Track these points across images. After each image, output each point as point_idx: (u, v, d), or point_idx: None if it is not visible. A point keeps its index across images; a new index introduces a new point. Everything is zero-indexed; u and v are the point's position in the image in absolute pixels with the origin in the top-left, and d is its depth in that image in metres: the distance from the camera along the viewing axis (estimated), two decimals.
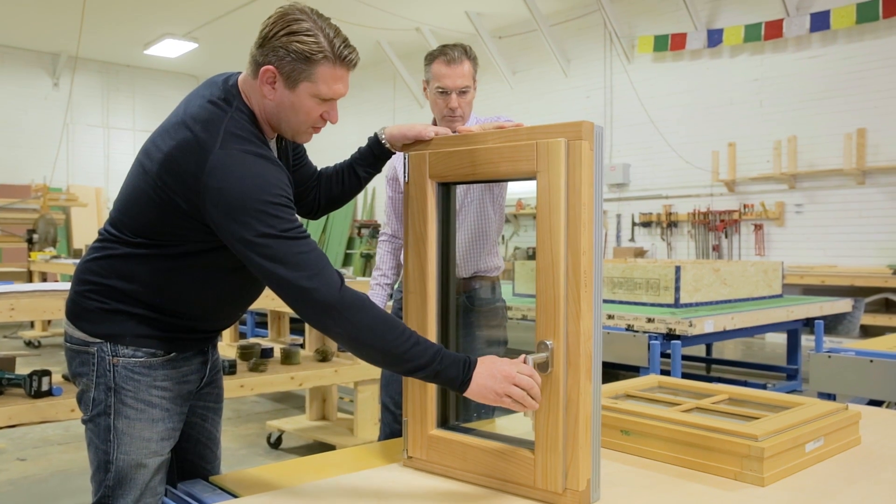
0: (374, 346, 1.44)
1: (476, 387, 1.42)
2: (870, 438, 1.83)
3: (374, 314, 1.44)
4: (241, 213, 1.43)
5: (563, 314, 1.36)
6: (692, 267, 5.00)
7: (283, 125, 1.58)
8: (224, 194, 1.44)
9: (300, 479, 1.60)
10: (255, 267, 1.46)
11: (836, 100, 8.41)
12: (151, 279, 1.60)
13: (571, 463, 1.37)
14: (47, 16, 11.53)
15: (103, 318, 1.62)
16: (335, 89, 1.55)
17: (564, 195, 1.35)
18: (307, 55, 1.49)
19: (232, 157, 1.47)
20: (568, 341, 1.37)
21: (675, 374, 4.19)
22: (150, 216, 1.57)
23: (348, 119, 14.83)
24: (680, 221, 9.82)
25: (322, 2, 10.85)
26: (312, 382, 4.02)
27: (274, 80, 1.52)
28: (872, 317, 7.59)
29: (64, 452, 4.31)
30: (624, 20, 10.23)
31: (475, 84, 2.56)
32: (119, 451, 1.62)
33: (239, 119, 1.54)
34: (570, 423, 1.37)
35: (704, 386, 2.07)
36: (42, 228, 9.41)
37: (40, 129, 13.56)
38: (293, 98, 1.53)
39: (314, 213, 1.93)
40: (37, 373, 3.08)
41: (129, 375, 1.62)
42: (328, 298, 1.42)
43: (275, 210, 1.44)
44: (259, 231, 1.43)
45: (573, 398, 1.37)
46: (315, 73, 1.51)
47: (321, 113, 1.57)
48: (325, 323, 1.44)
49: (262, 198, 1.44)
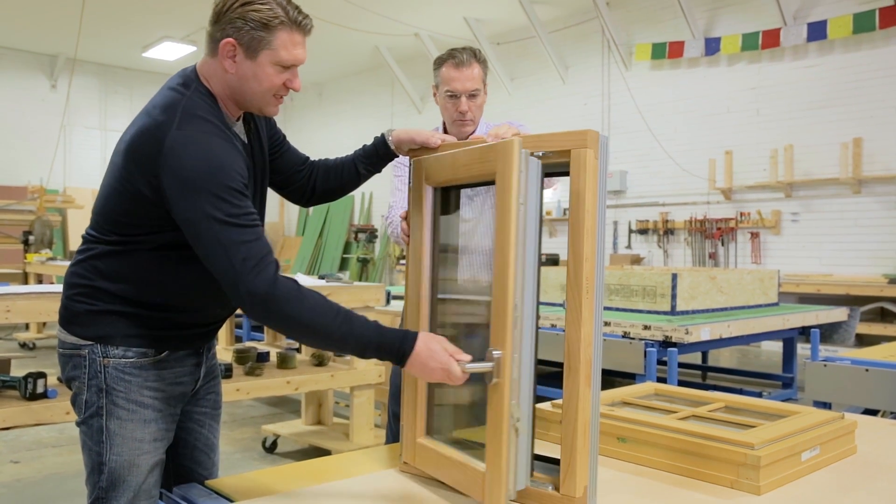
0: (306, 334, 1.47)
1: (417, 368, 1.45)
2: (865, 448, 1.83)
3: (305, 304, 1.44)
4: (191, 192, 1.45)
5: (510, 324, 1.35)
6: (689, 274, 5.00)
7: (248, 98, 1.59)
8: (178, 173, 1.46)
9: (295, 483, 1.59)
10: (199, 248, 1.48)
11: (833, 109, 8.45)
12: (133, 276, 1.61)
13: (569, 469, 1.37)
14: (45, 17, 11.52)
15: (92, 320, 1.63)
16: (295, 54, 1.56)
17: (516, 199, 1.35)
18: (265, 22, 1.50)
19: (188, 138, 1.48)
20: (568, 347, 1.37)
21: (672, 382, 4.19)
22: (122, 210, 1.58)
23: (346, 123, 14.85)
24: (676, 229, 9.84)
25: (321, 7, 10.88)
26: (308, 387, 4.01)
27: (234, 52, 1.53)
28: (868, 326, 7.62)
29: (58, 455, 4.30)
30: (622, 28, 10.27)
31: (486, 88, 2.53)
32: (112, 452, 1.63)
33: (197, 100, 1.56)
34: (568, 430, 1.37)
35: (701, 394, 2.07)
36: (38, 230, 9.39)
37: (37, 131, 13.54)
38: (255, 68, 1.54)
39: (306, 200, 1.93)
40: (32, 375, 3.07)
41: (119, 376, 1.62)
42: (259, 290, 1.42)
43: (226, 194, 1.45)
44: (207, 213, 1.44)
45: (572, 405, 1.37)
46: (274, 40, 1.52)
47: (284, 81, 1.57)
48: (257, 313, 1.45)
49: (215, 180, 1.45)
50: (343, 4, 10.32)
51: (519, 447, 1.37)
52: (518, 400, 1.37)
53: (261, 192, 1.75)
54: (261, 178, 1.75)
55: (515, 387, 1.36)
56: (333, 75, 14.99)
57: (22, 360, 7.00)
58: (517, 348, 1.36)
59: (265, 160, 1.77)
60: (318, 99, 15.82)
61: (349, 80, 14.90)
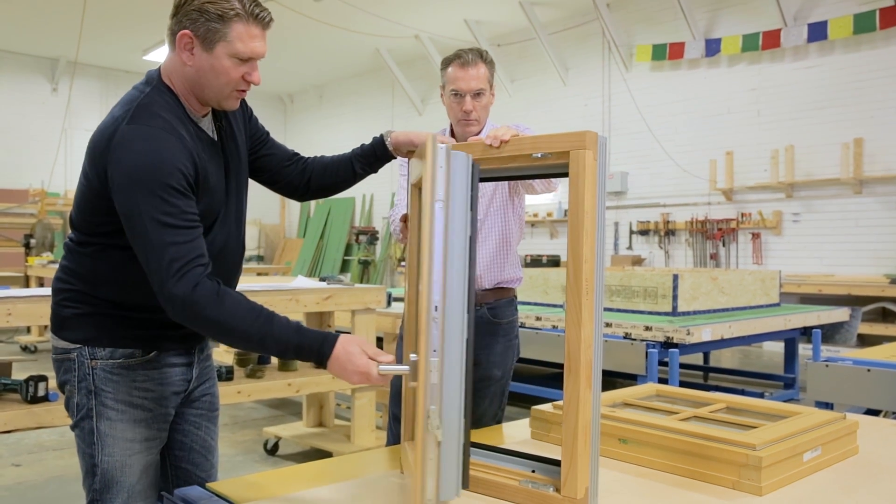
0: (226, 337, 1.48)
1: (336, 369, 1.46)
2: (867, 448, 1.83)
3: (225, 308, 1.44)
4: (130, 187, 1.45)
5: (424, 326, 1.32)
6: (690, 275, 5.00)
7: (207, 91, 1.59)
8: (121, 166, 1.47)
9: (297, 486, 1.59)
10: (133, 244, 1.49)
11: (834, 109, 8.45)
12: (111, 277, 1.62)
13: (570, 471, 1.36)
14: (46, 21, 11.54)
15: (79, 323, 1.64)
16: (252, 47, 1.55)
17: (432, 196, 1.32)
18: (220, 14, 1.51)
19: (135, 132, 1.49)
20: (568, 349, 1.37)
21: (673, 383, 4.19)
22: (89, 210, 1.60)
23: (347, 125, 14.86)
24: (678, 230, 9.83)
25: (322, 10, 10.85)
26: (309, 389, 4.01)
27: (191, 44, 1.54)
28: (870, 326, 7.61)
29: (59, 458, 4.30)
30: (622, 29, 10.27)
31: (492, 89, 2.54)
32: (103, 453, 1.63)
33: (155, 97, 1.57)
34: (569, 431, 1.37)
35: (702, 395, 2.07)
36: (39, 233, 9.41)
37: (39, 134, 13.56)
38: (212, 60, 1.54)
39: (300, 195, 1.94)
40: (33, 378, 3.07)
41: (107, 377, 1.63)
42: (178, 293, 1.43)
43: (163, 192, 1.45)
44: (142, 209, 1.44)
45: (572, 406, 1.37)
46: (230, 33, 1.52)
47: (242, 74, 1.57)
48: (178, 316, 1.46)
49: (154, 178, 1.45)
50: (343, 7, 10.32)
51: (441, 456, 1.32)
52: (440, 406, 1.32)
53: (236, 187, 1.74)
54: (235, 173, 1.73)
55: (436, 392, 1.32)
56: (334, 77, 15.00)
57: (23, 363, 7.01)
58: (439, 352, 1.32)
59: (241, 156, 1.76)
60: (318, 101, 15.83)
61: (350, 82, 14.91)
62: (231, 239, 1.72)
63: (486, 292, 2.57)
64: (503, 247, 2.58)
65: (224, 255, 1.70)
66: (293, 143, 16.36)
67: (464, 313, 1.36)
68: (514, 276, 2.64)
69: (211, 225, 1.64)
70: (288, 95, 16.59)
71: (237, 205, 1.74)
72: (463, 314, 1.36)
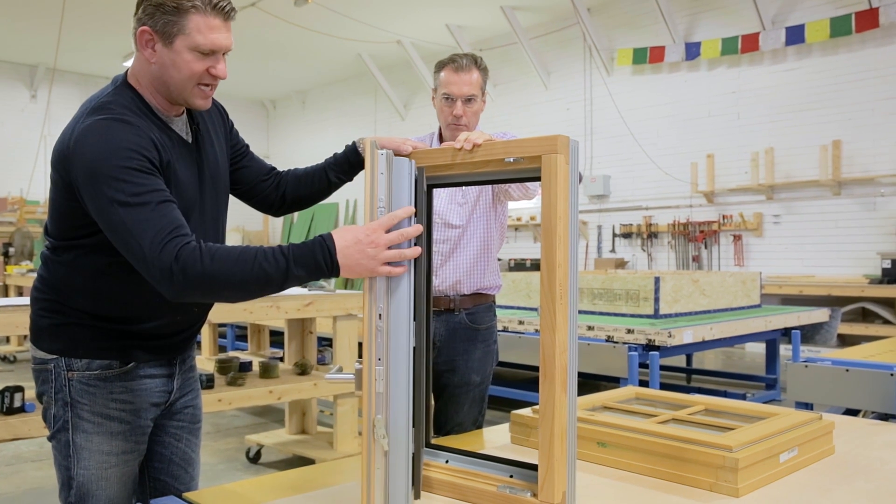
0: (227, 291, 1.40)
1: (347, 269, 1.37)
2: (843, 448, 1.84)
3: (216, 265, 1.37)
4: (93, 178, 1.43)
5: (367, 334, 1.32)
6: (671, 278, 5.03)
7: (171, 88, 1.56)
8: (81, 162, 1.45)
9: (278, 494, 1.58)
10: (111, 237, 1.45)
11: (812, 112, 8.54)
12: (85, 287, 1.59)
13: (547, 475, 1.36)
14: (25, 27, 11.43)
15: (55, 333, 1.62)
16: (212, 39, 1.51)
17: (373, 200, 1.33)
18: (176, 6, 1.48)
19: (91, 126, 1.47)
20: (543, 353, 1.37)
21: (654, 385, 4.20)
22: (60, 215, 1.59)
23: (329, 131, 14.83)
24: (660, 232, 9.89)
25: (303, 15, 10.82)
26: (291, 396, 3.99)
27: (152, 40, 1.51)
28: (849, 326, 7.68)
29: (37, 469, 4.24)
30: (603, 33, 10.33)
31: (484, 96, 2.55)
32: (79, 466, 1.61)
33: (116, 95, 1.55)
34: (545, 436, 1.37)
35: (681, 397, 2.08)
36: (18, 242, 9.30)
37: (17, 142, 13.42)
38: (173, 55, 1.51)
39: (276, 209, 1.92)
40: (9, 389, 3.04)
41: (84, 389, 1.61)
42: (165, 265, 1.36)
43: (124, 175, 1.42)
44: (109, 196, 1.41)
45: (548, 410, 1.37)
46: (187, 25, 1.49)
47: (206, 68, 1.53)
48: (172, 290, 1.39)
49: (113, 162, 1.42)
50: (325, 12, 10.31)
51: (389, 466, 1.31)
52: (386, 415, 1.31)
53: (213, 189, 1.70)
54: (211, 177, 1.70)
55: (381, 401, 1.31)
56: (317, 83, 14.97)
57: (1, 374, 6.92)
58: (384, 360, 1.31)
59: (219, 162, 1.74)
60: (301, 107, 15.79)
61: (332, 88, 14.88)
62: (208, 240, 1.69)
63: (465, 298, 2.57)
64: (484, 254, 2.58)
65: None
66: (276, 148, 16.31)
67: (410, 322, 1.35)
68: (493, 283, 2.64)
69: None
70: (270, 101, 16.53)
71: (214, 208, 1.71)
72: (409, 322, 1.35)
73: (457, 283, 2.56)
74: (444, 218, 2.54)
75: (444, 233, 2.54)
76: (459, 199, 2.56)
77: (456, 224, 2.55)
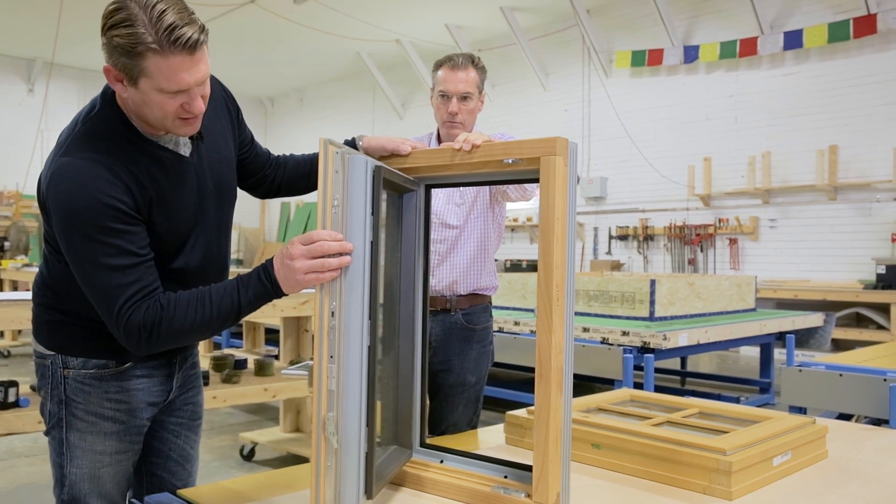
0: (193, 337, 1.47)
1: (284, 285, 1.40)
2: (837, 452, 1.85)
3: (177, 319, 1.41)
4: (66, 229, 1.42)
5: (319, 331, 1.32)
6: (667, 280, 5.04)
7: (151, 121, 1.46)
8: (55, 207, 1.43)
9: (272, 492, 1.58)
10: (80, 285, 1.47)
11: (809, 117, 8.56)
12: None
13: (541, 476, 1.37)
14: (23, 21, 11.40)
15: (53, 330, 1.62)
16: (177, 81, 1.36)
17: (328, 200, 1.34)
18: (128, 50, 1.33)
19: (67, 167, 1.41)
20: (539, 354, 1.37)
21: (648, 388, 4.21)
22: None
23: (328, 129, 14.81)
24: (656, 235, 9.91)
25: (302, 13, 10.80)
26: (286, 394, 3.99)
27: (119, 77, 1.40)
28: (843, 331, 7.70)
29: (31, 465, 4.23)
30: (602, 35, 10.34)
31: (481, 96, 2.55)
32: (72, 464, 1.60)
33: (98, 120, 1.48)
34: (540, 437, 1.37)
35: (675, 400, 2.09)
36: (14, 236, 9.28)
37: (14, 136, 13.38)
38: (142, 95, 1.40)
39: (270, 194, 1.94)
40: (3, 383, 3.03)
41: (79, 387, 1.60)
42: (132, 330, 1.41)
43: (98, 234, 1.39)
44: (80, 254, 1.42)
45: (543, 411, 1.37)
46: (147, 67, 1.34)
47: (180, 104, 1.41)
48: (141, 350, 1.45)
49: (87, 221, 1.39)
50: (325, 10, 10.30)
51: (341, 464, 1.31)
52: (337, 413, 1.30)
53: (216, 197, 1.66)
54: (214, 185, 1.65)
55: (333, 399, 1.31)
56: (315, 81, 14.96)
57: None
58: (336, 358, 1.31)
59: (222, 164, 1.68)
60: (299, 105, 15.78)
61: (330, 86, 14.87)
62: (212, 248, 1.66)
63: (461, 298, 2.57)
64: (481, 254, 2.59)
65: (205, 268, 1.64)
66: (274, 146, 16.28)
67: (364, 319, 1.33)
68: (490, 283, 2.65)
69: (183, 242, 1.58)
70: (268, 98, 16.52)
71: (218, 215, 1.67)
72: (363, 320, 1.34)
73: (453, 283, 2.56)
74: (442, 218, 2.55)
75: (442, 233, 2.55)
76: (457, 199, 2.57)
77: (453, 224, 2.56)
